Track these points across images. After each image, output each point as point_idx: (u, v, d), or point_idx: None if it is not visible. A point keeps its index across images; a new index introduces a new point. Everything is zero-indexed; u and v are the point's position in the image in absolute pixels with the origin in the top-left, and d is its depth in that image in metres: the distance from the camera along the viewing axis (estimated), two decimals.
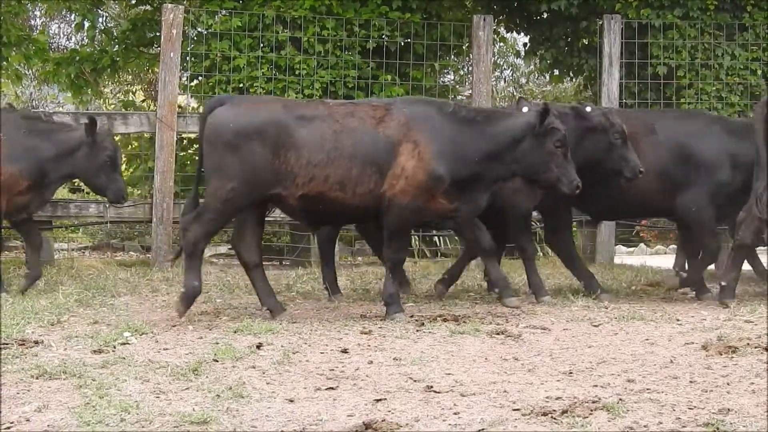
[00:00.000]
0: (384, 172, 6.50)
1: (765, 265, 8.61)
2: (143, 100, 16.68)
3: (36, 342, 5.64)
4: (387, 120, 6.58)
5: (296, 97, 10.14)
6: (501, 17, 11.82)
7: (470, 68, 11.59)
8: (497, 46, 15.49)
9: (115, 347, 5.58)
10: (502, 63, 19.42)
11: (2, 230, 7.93)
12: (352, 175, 6.47)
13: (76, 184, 15.12)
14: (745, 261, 7.62)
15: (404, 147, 6.51)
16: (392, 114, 6.61)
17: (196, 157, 11.85)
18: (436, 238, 11.73)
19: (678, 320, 6.56)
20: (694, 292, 7.72)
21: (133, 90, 18.19)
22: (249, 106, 6.74)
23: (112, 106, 16.86)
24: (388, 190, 6.50)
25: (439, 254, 11.37)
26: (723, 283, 7.18)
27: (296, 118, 6.52)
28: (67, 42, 18.28)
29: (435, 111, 6.72)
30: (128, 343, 5.70)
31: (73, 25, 15.23)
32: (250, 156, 6.43)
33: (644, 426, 4.15)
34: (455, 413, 4.34)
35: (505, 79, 20.64)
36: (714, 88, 10.69)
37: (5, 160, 7.38)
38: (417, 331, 6.13)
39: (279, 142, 6.44)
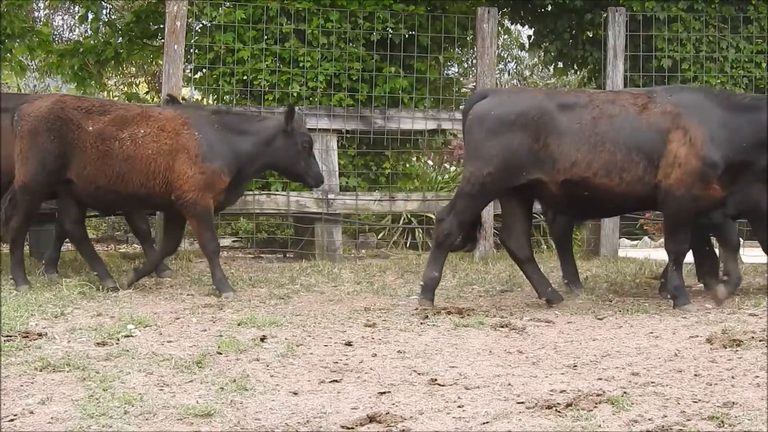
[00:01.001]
0: (653, 160, 6.54)
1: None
2: (147, 92, 16.67)
3: (39, 334, 5.64)
4: (650, 107, 6.64)
5: (299, 90, 10.13)
6: (505, 9, 11.78)
7: (474, 60, 11.56)
8: (501, 39, 15.47)
9: (118, 340, 5.58)
10: (506, 55, 19.39)
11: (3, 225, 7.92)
12: (616, 161, 6.52)
13: None
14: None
15: (674, 134, 6.53)
16: (656, 101, 6.66)
17: None
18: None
19: (682, 313, 6.55)
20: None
21: (137, 82, 18.18)
22: (511, 95, 7.00)
23: (116, 98, 16.85)
24: (664, 179, 6.53)
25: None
26: None
27: (557, 105, 6.65)
28: (71, 34, 18.26)
29: (702, 97, 6.73)
30: (132, 336, 5.70)
31: (76, 17, 15.20)
32: (510, 141, 6.58)
33: (649, 419, 4.14)
34: (459, 406, 4.33)
35: (509, 71, 20.61)
36: (718, 81, 10.66)
37: (208, 158, 7.28)
38: (421, 324, 6.13)
39: (540, 127, 6.58)
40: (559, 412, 4.23)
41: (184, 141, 7.28)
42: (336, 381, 4.75)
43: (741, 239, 10.93)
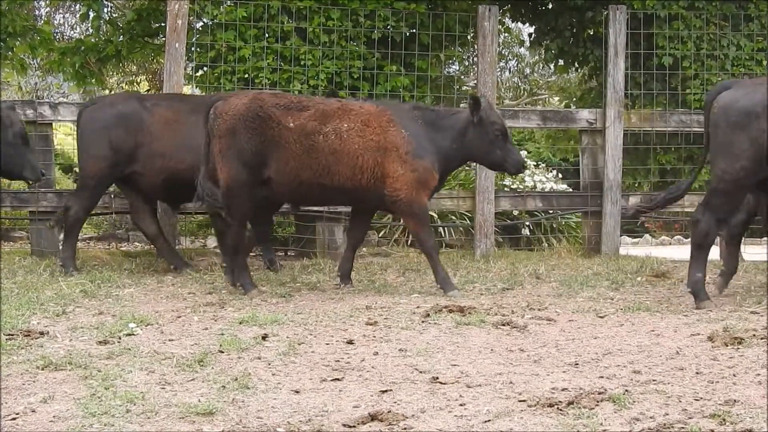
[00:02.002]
0: None
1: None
2: (148, 90, 16.67)
3: (41, 333, 5.65)
4: None
5: (300, 88, 10.13)
6: (506, 7, 11.78)
7: (475, 58, 11.56)
8: (502, 37, 15.46)
9: (120, 338, 5.58)
10: (507, 53, 19.39)
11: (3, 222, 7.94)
12: None
13: None
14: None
15: None
16: None
17: None
18: (441, 230, 11.73)
19: (684, 311, 6.55)
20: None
21: (138, 80, 18.18)
22: (755, 86, 6.85)
23: None
24: None
25: (444, 245, 11.36)
26: None
27: None
28: (72, 32, 18.26)
29: None
30: (133, 334, 5.70)
31: (77, 15, 15.21)
32: (758, 133, 6.51)
33: (650, 417, 4.14)
34: (461, 404, 4.34)
35: (510, 69, 20.61)
36: (719, 79, 10.64)
37: (418, 155, 7.24)
38: (422, 322, 6.13)
39: None
40: (560, 410, 4.23)
41: (392, 138, 7.23)
42: (337, 379, 4.75)
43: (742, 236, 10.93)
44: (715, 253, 8.59)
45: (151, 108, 8.48)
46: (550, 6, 11.57)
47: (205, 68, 10.59)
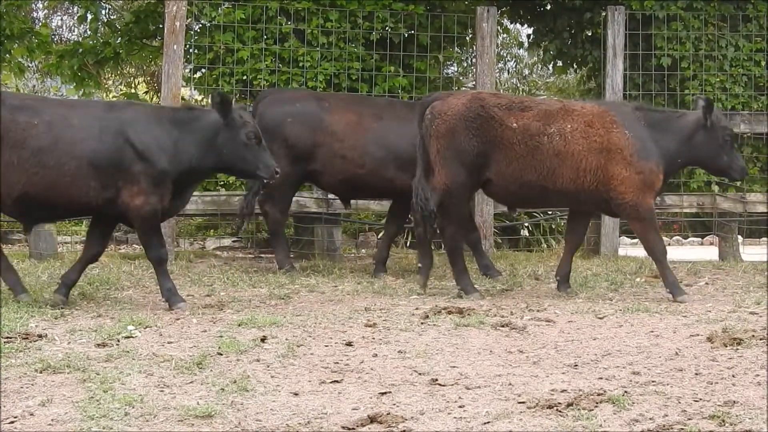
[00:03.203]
0: None
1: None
2: (146, 92, 16.68)
3: (40, 336, 5.64)
4: None
5: None
6: (505, 8, 11.79)
7: (474, 59, 11.56)
8: (501, 38, 15.46)
9: (119, 341, 5.57)
10: (505, 54, 19.40)
11: (3, 223, 7.93)
12: None
13: None
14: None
15: None
16: None
17: None
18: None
19: (683, 312, 6.54)
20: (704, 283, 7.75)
21: (136, 82, 18.18)
22: None
23: (114, 98, 16.85)
24: None
25: (442, 246, 11.35)
26: None
27: None
28: (70, 34, 18.26)
29: None
30: (132, 337, 5.69)
31: (75, 17, 15.21)
32: None
33: (650, 418, 4.14)
34: (460, 406, 4.33)
35: (508, 70, 20.61)
36: (718, 80, 10.67)
37: (643, 157, 7.11)
38: (421, 323, 6.12)
39: None
40: (560, 411, 4.23)
41: (616, 139, 7.10)
42: (337, 381, 4.74)
43: (741, 237, 10.94)
44: (714, 253, 8.60)
45: (331, 108, 8.52)
46: (549, 7, 11.58)
47: (203, 70, 10.60)
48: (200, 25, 10.68)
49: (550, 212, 11.01)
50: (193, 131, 6.85)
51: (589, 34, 11.36)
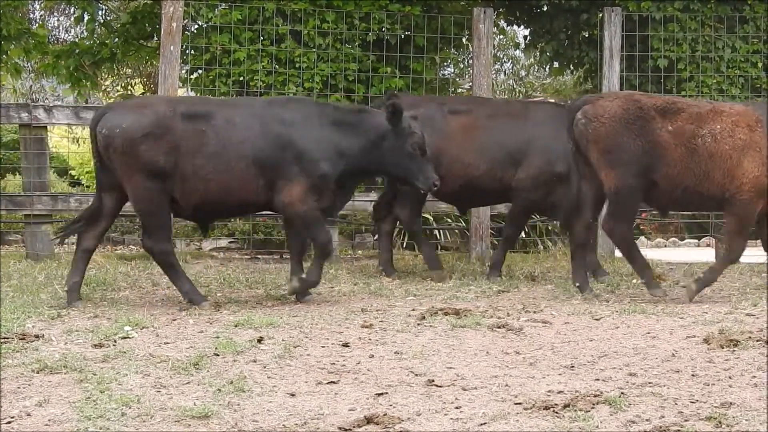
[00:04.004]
0: None
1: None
2: (142, 93, 16.67)
3: (36, 336, 5.63)
4: None
5: (296, 91, 10.12)
6: (501, 10, 11.79)
7: (470, 61, 11.57)
8: (497, 39, 15.48)
9: (115, 341, 5.57)
10: (502, 56, 19.40)
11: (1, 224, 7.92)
12: None
13: (76, 177, 15.13)
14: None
15: None
16: None
17: None
18: (436, 231, 11.72)
19: (679, 313, 6.55)
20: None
21: (133, 83, 18.16)
22: None
23: (111, 99, 16.84)
24: None
25: (439, 247, 11.35)
26: None
27: None
28: (66, 35, 18.25)
29: None
30: (129, 337, 5.69)
31: (72, 18, 15.20)
32: None
33: (646, 420, 4.14)
34: (457, 407, 4.33)
35: (505, 71, 20.62)
36: (715, 81, 10.68)
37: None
38: (418, 324, 6.12)
39: None
40: (556, 412, 4.23)
41: (757, 138, 7.02)
42: (333, 382, 4.74)
43: None
44: (710, 255, 8.61)
45: (449, 111, 8.48)
46: (545, 8, 11.59)
47: (199, 71, 10.60)
48: (197, 26, 10.68)
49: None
50: (358, 134, 6.89)
51: (586, 35, 11.37)
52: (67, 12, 17.58)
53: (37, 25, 14.94)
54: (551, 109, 8.95)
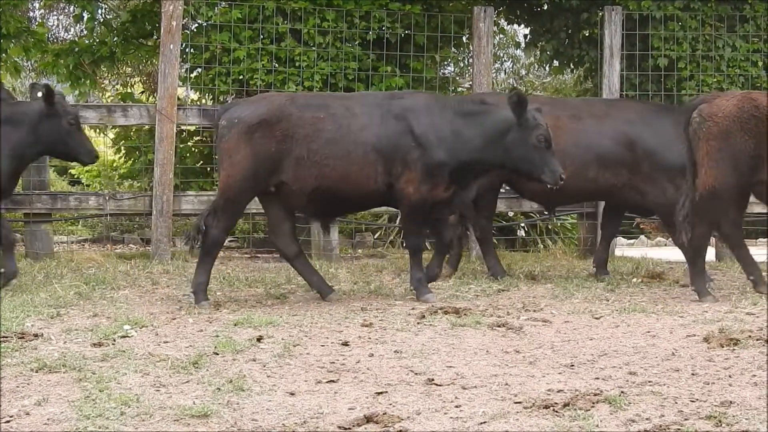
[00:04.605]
0: None
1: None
2: (142, 92, 16.65)
3: (36, 335, 5.63)
4: None
5: (295, 90, 10.12)
6: (501, 8, 11.79)
7: (471, 60, 11.56)
8: (498, 38, 15.46)
9: (115, 340, 5.57)
10: (502, 54, 19.39)
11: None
12: None
13: (75, 176, 15.13)
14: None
15: None
16: None
17: (195, 150, 11.86)
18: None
19: (679, 312, 6.55)
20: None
21: (132, 82, 18.15)
22: None
23: (110, 99, 16.83)
24: None
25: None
26: None
27: None
28: (66, 34, 18.23)
29: None
30: (128, 336, 5.69)
31: (71, 17, 15.18)
32: None
33: (646, 419, 4.13)
34: (456, 406, 4.33)
35: (505, 70, 20.61)
36: (715, 80, 10.67)
37: None
38: (418, 323, 6.12)
39: None
40: (556, 411, 4.22)
41: None
42: (333, 381, 4.74)
43: None
44: (710, 254, 8.59)
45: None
46: (546, 7, 11.58)
47: (199, 70, 10.59)
48: (197, 25, 10.67)
49: (545, 212, 10.99)
50: (481, 125, 6.86)
51: (586, 34, 11.36)
52: (66, 11, 17.56)
53: (36, 23, 14.93)
54: (636, 105, 8.82)
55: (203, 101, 11.24)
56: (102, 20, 12.54)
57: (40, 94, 7.55)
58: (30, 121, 7.41)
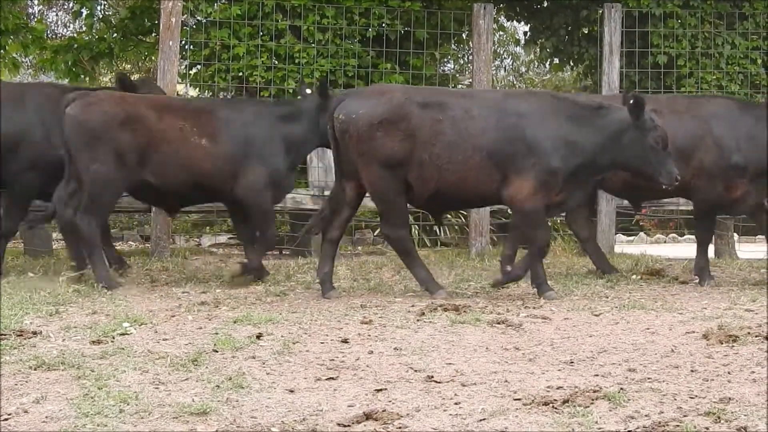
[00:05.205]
0: None
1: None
2: None
3: (34, 333, 5.62)
4: None
5: (295, 86, 10.11)
6: (501, 5, 11.78)
7: (470, 57, 11.55)
8: (497, 35, 15.47)
9: (113, 338, 5.56)
10: (502, 52, 19.39)
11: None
12: None
13: None
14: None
15: None
16: None
17: None
18: (436, 228, 11.72)
19: (678, 309, 6.55)
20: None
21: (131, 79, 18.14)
22: None
23: None
24: None
25: (439, 243, 11.35)
26: None
27: None
28: (65, 30, 18.21)
29: None
30: (127, 334, 5.68)
31: (70, 13, 15.18)
32: None
33: (645, 415, 4.13)
34: (456, 403, 4.33)
35: (505, 67, 20.61)
36: (714, 77, 10.68)
37: None
38: (417, 320, 6.11)
39: None
40: (555, 408, 4.22)
41: None
42: (332, 378, 4.74)
43: (736, 234, 10.95)
44: (709, 250, 8.59)
45: None
46: (546, 4, 11.58)
47: (198, 66, 10.59)
48: (196, 22, 10.67)
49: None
50: (596, 127, 6.85)
51: (586, 31, 11.37)
52: (65, 7, 17.55)
53: (35, 20, 14.92)
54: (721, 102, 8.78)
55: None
56: (101, 17, 12.54)
57: (309, 91, 7.79)
58: (309, 118, 7.63)
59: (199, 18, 10.56)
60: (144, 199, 8.09)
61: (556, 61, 12.07)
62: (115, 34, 11.92)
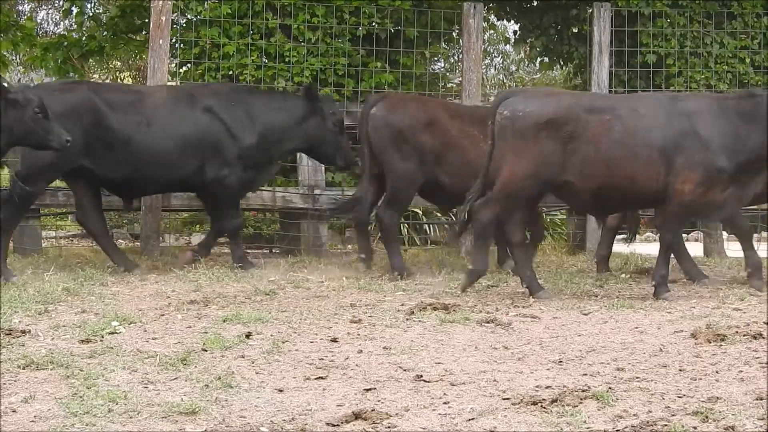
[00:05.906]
0: None
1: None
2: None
3: (23, 332, 5.61)
4: None
5: (285, 85, 10.10)
6: (491, 4, 11.78)
7: (460, 55, 11.55)
8: (487, 34, 15.46)
9: (103, 337, 5.55)
10: (492, 50, 19.39)
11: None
12: None
13: None
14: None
15: None
16: None
17: None
18: (426, 227, 11.72)
19: (667, 308, 6.56)
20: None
21: (122, 77, 18.09)
22: None
23: None
24: None
25: (429, 242, 11.36)
26: None
27: None
28: (55, 28, 18.15)
29: None
30: (116, 333, 5.67)
31: (60, 11, 15.13)
32: None
33: (634, 415, 4.15)
34: (445, 402, 4.34)
35: (495, 66, 20.61)
36: (703, 76, 10.71)
37: None
38: (406, 320, 6.12)
39: None
40: (544, 407, 4.23)
41: None
42: (321, 378, 4.74)
43: (725, 233, 10.98)
44: (698, 249, 8.64)
45: None
46: (535, 3, 11.59)
47: (189, 65, 10.56)
48: (186, 20, 10.63)
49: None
50: (759, 124, 6.87)
51: (575, 30, 11.37)
52: (56, 5, 17.49)
53: (25, 17, 14.84)
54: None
55: None
56: (91, 15, 12.48)
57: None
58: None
59: (189, 16, 10.53)
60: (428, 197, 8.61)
61: (546, 60, 12.08)
62: (105, 32, 11.87)
